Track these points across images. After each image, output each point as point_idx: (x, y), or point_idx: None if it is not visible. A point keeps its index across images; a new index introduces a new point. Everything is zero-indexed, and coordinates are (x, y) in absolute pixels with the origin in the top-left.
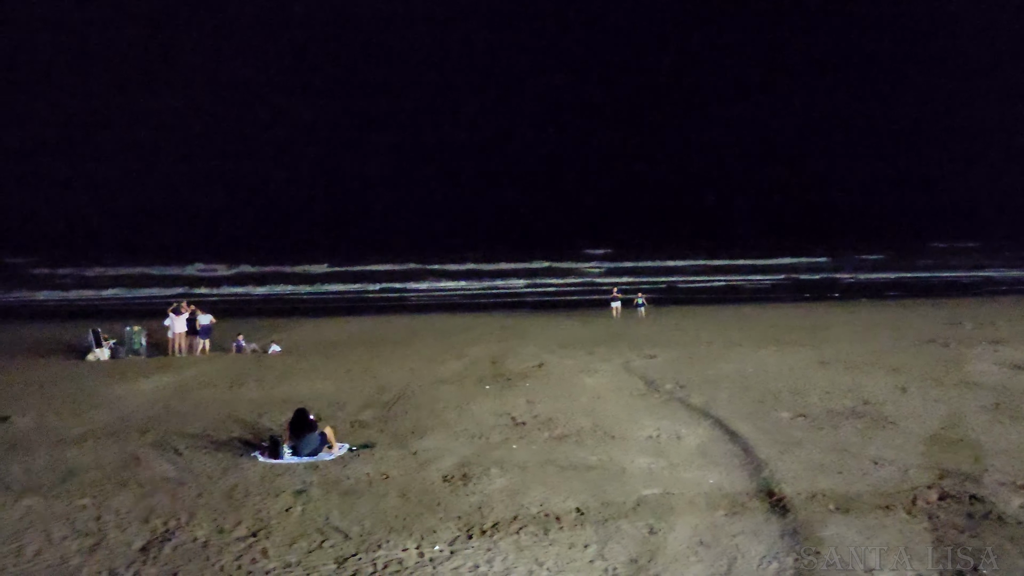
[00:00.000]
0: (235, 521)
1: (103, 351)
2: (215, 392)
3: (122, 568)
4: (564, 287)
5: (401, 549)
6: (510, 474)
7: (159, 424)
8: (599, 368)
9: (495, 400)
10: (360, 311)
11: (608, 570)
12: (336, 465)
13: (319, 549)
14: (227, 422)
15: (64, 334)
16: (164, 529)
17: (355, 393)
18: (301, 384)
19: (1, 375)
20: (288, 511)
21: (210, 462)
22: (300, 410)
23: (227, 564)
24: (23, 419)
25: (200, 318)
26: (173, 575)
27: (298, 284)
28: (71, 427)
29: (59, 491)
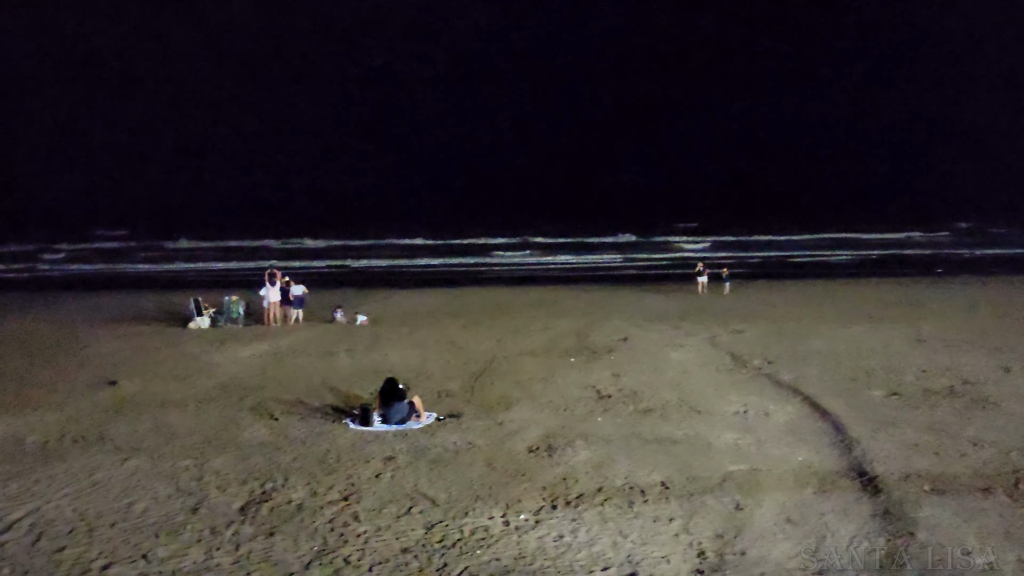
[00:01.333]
0: (328, 485)
1: (203, 320)
2: (308, 360)
3: (223, 527)
4: (650, 261)
5: (487, 517)
6: (595, 446)
7: (256, 390)
8: (685, 342)
9: (580, 373)
10: (448, 283)
11: (693, 544)
12: (424, 434)
13: (408, 515)
14: (320, 389)
15: (167, 303)
16: (261, 491)
17: (442, 364)
18: (390, 354)
19: (110, 342)
20: (378, 477)
21: (304, 428)
22: (390, 379)
23: (321, 526)
24: (130, 384)
25: (293, 288)
26: (270, 535)
27: (390, 257)
28: (174, 392)
29: (163, 452)
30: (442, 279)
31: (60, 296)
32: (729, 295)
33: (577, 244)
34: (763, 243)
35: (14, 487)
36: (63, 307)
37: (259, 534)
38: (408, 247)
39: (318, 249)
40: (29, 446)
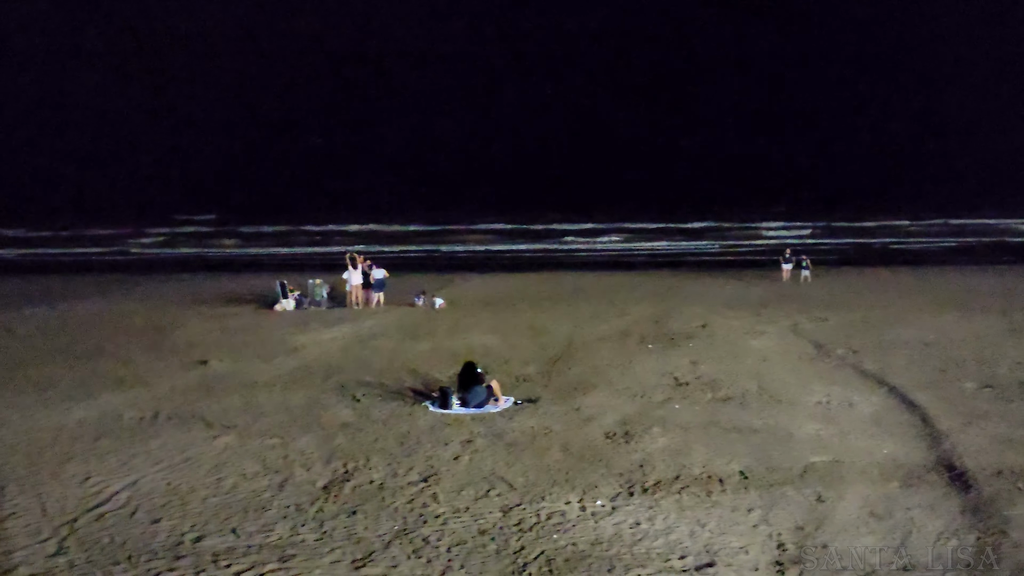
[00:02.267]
0: (408, 466)
1: (289, 302)
2: (389, 343)
3: (307, 504)
4: (731, 247)
5: (564, 502)
6: (672, 434)
7: (339, 372)
8: (766, 330)
9: (658, 359)
10: (526, 268)
11: (772, 536)
12: (502, 417)
13: (485, 497)
14: (400, 372)
15: (254, 286)
16: (344, 470)
17: (519, 348)
18: (469, 338)
19: (200, 323)
20: (456, 459)
21: (385, 409)
22: (468, 363)
23: (401, 506)
24: (220, 363)
25: (374, 272)
26: (352, 514)
27: (469, 242)
28: (261, 372)
29: (251, 431)
30: (520, 264)
31: (151, 279)
32: (813, 282)
33: (655, 230)
34: (850, 229)
35: (113, 461)
36: (155, 289)
37: (341, 512)
38: (487, 231)
39: (399, 234)
40: (127, 422)
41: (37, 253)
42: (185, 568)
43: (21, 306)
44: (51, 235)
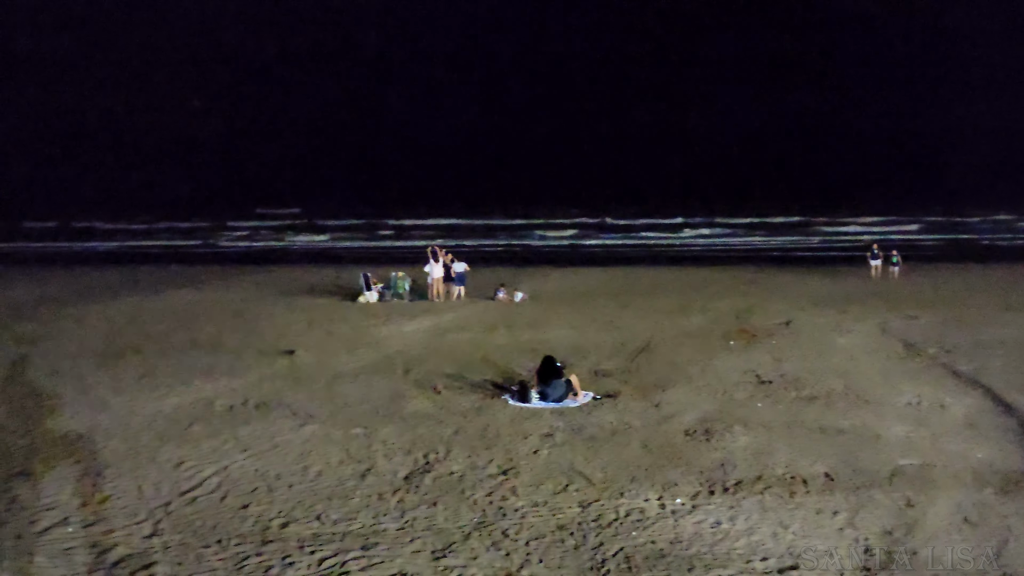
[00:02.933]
0: (487, 459)
1: (372, 294)
2: (470, 336)
3: (389, 494)
4: (816, 242)
5: (643, 499)
6: (754, 433)
7: (420, 364)
8: (853, 328)
9: (740, 356)
10: (606, 262)
11: (859, 540)
12: (581, 412)
13: (564, 492)
14: (480, 365)
15: (339, 278)
16: (425, 461)
17: (599, 343)
18: (548, 332)
19: (286, 314)
20: (535, 453)
21: (465, 402)
22: (548, 357)
23: (480, 499)
24: (305, 354)
25: (455, 266)
26: (433, 504)
27: (547, 236)
28: (345, 363)
29: (336, 420)
30: (601, 258)
31: (239, 270)
32: (903, 279)
33: (737, 225)
34: (942, 224)
35: (205, 447)
36: (243, 281)
37: (422, 503)
38: (567, 225)
39: (481, 227)
40: (218, 409)
41: (135, 245)
42: (272, 553)
43: (120, 295)
44: (146, 227)
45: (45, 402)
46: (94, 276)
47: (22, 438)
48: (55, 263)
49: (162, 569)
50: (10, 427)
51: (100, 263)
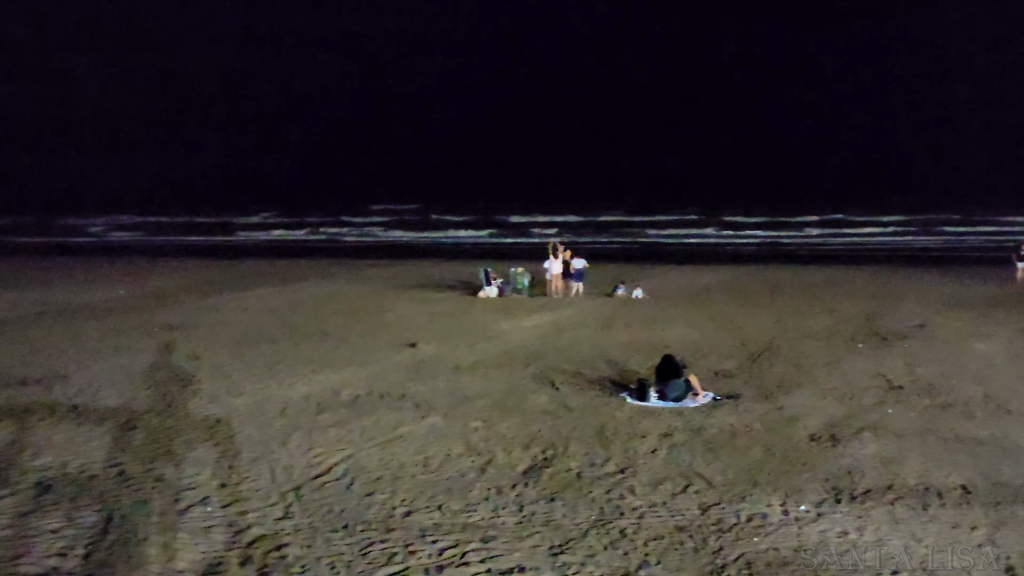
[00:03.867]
0: (605, 457)
1: (492, 289)
2: (588, 333)
3: (507, 488)
4: (951, 240)
5: (765, 504)
6: (884, 440)
7: (538, 359)
8: (993, 332)
9: (868, 360)
10: (728, 260)
11: (1000, 559)
12: (700, 413)
13: (683, 493)
14: (598, 362)
15: (459, 272)
16: (543, 456)
17: (719, 342)
18: (666, 330)
19: (408, 307)
20: (654, 453)
21: (582, 398)
22: (667, 356)
23: (598, 496)
24: (427, 347)
25: (574, 262)
26: (551, 500)
27: (667, 233)
28: (465, 356)
29: (456, 413)
30: (721, 256)
31: (360, 263)
32: None
33: (862, 222)
34: None
35: (333, 434)
36: (365, 274)
37: (540, 498)
38: (687, 222)
39: (601, 224)
40: (345, 398)
41: (271, 237)
42: (395, 540)
43: (253, 287)
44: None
45: (187, 386)
46: (228, 268)
47: (166, 420)
48: (190, 256)
49: (293, 551)
50: (156, 409)
51: (233, 256)
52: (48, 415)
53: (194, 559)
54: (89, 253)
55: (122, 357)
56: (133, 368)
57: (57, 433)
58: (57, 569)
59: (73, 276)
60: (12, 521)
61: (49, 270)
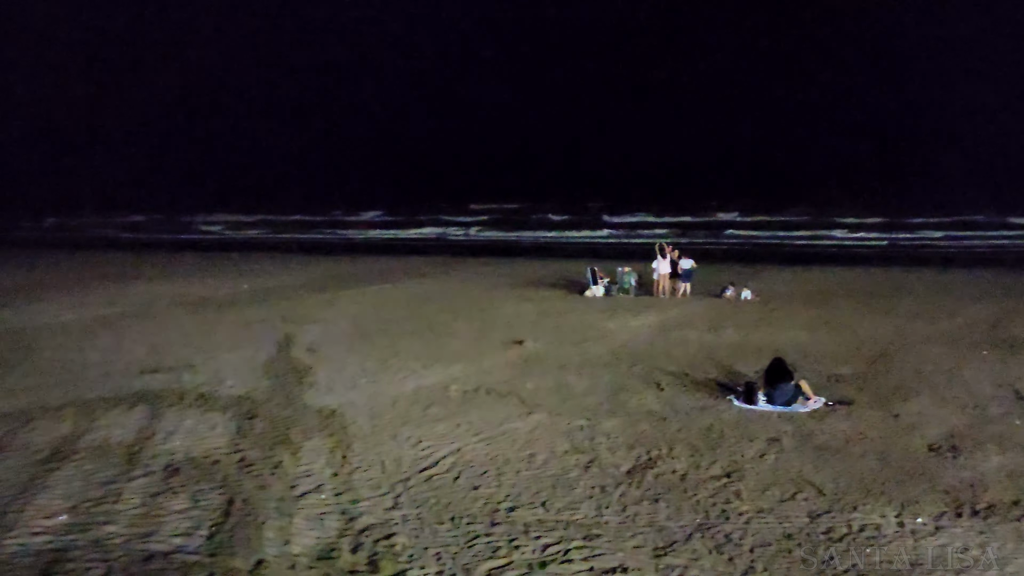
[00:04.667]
0: (711, 460)
1: (598, 288)
2: (695, 334)
3: (611, 487)
4: None
5: (879, 515)
6: (1011, 453)
7: (644, 359)
8: None
9: (995, 368)
10: (843, 261)
11: None
12: (811, 418)
13: (791, 500)
14: (705, 363)
15: (566, 271)
16: (647, 457)
17: (833, 346)
18: (777, 332)
19: (516, 304)
20: (761, 457)
21: (689, 400)
22: (777, 359)
23: (703, 500)
24: (534, 344)
25: (682, 262)
26: (655, 501)
27: (779, 233)
28: (571, 355)
29: (561, 410)
30: (837, 257)
31: (466, 261)
32: None
33: (987, 224)
34: None
35: (441, 428)
36: (475, 271)
37: (644, 499)
38: (796, 223)
39: (711, 223)
40: (453, 393)
41: (380, 236)
42: (500, 535)
43: (365, 283)
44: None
45: (304, 378)
46: (341, 265)
47: (284, 409)
48: (305, 252)
49: (401, 540)
50: (276, 400)
51: (344, 253)
52: (177, 402)
53: (308, 544)
54: (214, 249)
55: (246, 348)
56: (255, 359)
57: (185, 419)
58: (183, 548)
59: (200, 271)
60: (144, 500)
61: (179, 265)
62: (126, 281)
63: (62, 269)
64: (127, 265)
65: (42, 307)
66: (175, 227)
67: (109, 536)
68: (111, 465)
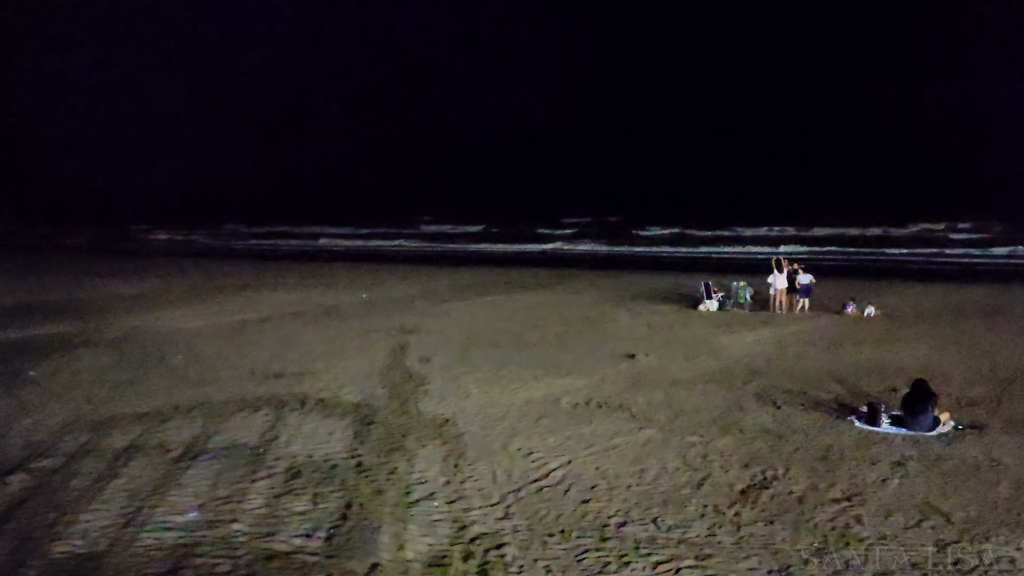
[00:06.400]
0: (829, 482)
1: (712, 302)
2: (813, 351)
3: (724, 506)
4: None
5: (1014, 547)
6: None
7: (760, 376)
8: None
9: None
10: (978, 277)
11: None
12: (938, 442)
13: (916, 527)
14: (824, 381)
15: (680, 285)
16: (762, 477)
17: (963, 367)
18: (902, 351)
19: (630, 318)
20: (884, 482)
21: (806, 419)
22: (919, 381)
23: (821, 523)
24: (646, 359)
25: (800, 277)
26: (770, 523)
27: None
28: (684, 370)
29: (673, 426)
30: (971, 273)
31: (580, 273)
32: None
33: None
34: None
35: (552, 440)
36: (588, 283)
37: (759, 520)
38: (926, 236)
39: (826, 237)
40: (564, 406)
41: (490, 248)
42: (610, 550)
43: (480, 294)
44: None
45: (419, 386)
46: (452, 276)
47: (400, 417)
48: (420, 263)
49: (511, 551)
50: (391, 407)
51: (455, 264)
52: (299, 406)
53: (421, 550)
54: (333, 259)
55: (363, 356)
56: (372, 367)
57: (307, 423)
58: (303, 548)
59: (323, 279)
60: (267, 501)
61: (302, 274)
62: (249, 290)
63: (185, 278)
64: (247, 275)
65: (172, 314)
66: (297, 236)
67: (235, 534)
68: (238, 465)
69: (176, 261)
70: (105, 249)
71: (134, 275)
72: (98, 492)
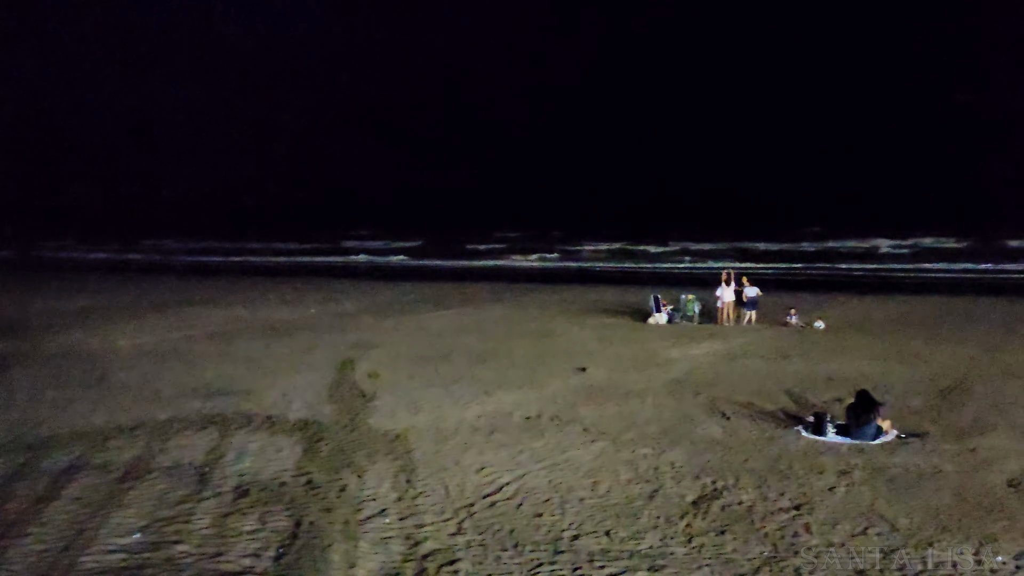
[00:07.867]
0: (778, 491)
1: (662, 316)
2: (760, 363)
3: (676, 517)
4: None
5: (956, 552)
6: None
7: (709, 387)
8: None
9: None
10: (917, 289)
11: None
12: (882, 451)
13: (863, 535)
14: (772, 392)
15: (628, 298)
16: (713, 488)
17: (905, 377)
18: (846, 362)
19: (580, 332)
20: (831, 490)
21: (755, 430)
22: (863, 392)
23: (771, 532)
24: (597, 371)
25: (747, 290)
26: (721, 533)
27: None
28: (634, 382)
29: (624, 439)
30: (910, 286)
31: (526, 287)
32: None
33: None
34: None
35: (504, 455)
36: (540, 299)
37: (710, 530)
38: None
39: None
40: (516, 420)
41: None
42: (564, 563)
43: (431, 309)
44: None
45: (368, 402)
46: (403, 291)
47: (349, 434)
48: (368, 278)
49: (464, 566)
50: (340, 423)
51: (399, 279)
52: (246, 424)
53: (373, 568)
54: (284, 274)
55: (311, 372)
56: (321, 383)
57: (254, 441)
58: (251, 569)
59: (268, 295)
60: (214, 521)
61: (246, 289)
62: (193, 306)
63: (127, 294)
64: (190, 291)
65: (113, 330)
66: (235, 252)
67: (181, 555)
68: (183, 485)
69: (115, 276)
70: (37, 264)
71: (70, 291)
72: (36, 515)
